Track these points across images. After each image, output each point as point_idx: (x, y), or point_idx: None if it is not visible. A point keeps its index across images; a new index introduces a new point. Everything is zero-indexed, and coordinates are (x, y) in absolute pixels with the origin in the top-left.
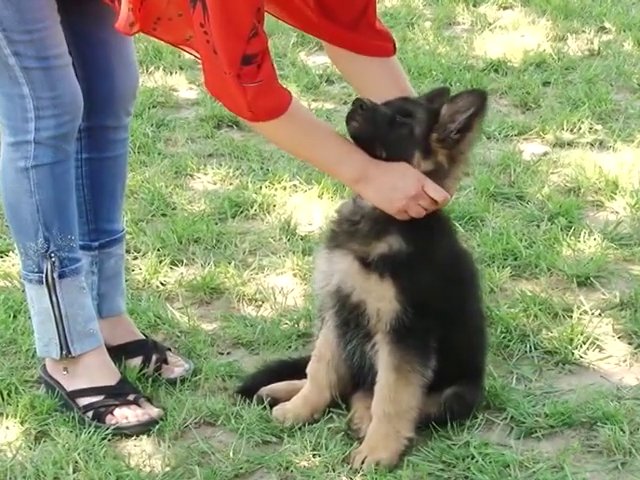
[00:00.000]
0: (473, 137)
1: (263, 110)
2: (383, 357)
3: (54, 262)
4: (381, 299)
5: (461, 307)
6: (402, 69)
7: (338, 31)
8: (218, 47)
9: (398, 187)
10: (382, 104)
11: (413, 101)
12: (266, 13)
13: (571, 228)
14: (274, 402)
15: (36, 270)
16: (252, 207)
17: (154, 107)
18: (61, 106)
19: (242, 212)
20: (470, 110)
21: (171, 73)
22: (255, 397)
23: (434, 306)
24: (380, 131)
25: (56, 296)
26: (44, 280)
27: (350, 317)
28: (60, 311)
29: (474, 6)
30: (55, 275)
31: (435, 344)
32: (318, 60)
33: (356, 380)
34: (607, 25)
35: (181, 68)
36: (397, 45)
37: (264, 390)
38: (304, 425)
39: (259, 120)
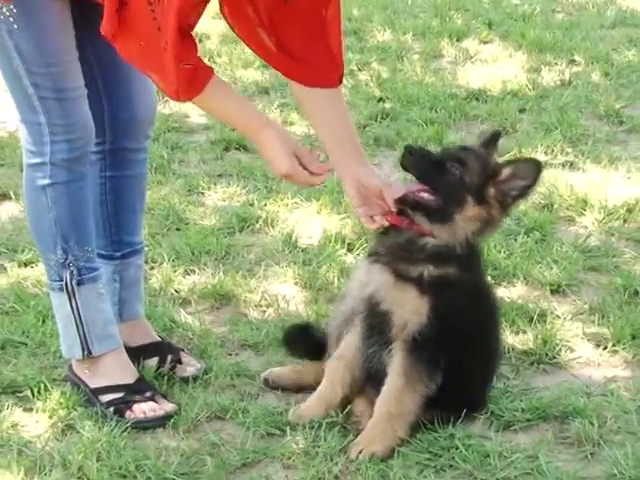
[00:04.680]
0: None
1: (188, 90)
2: (396, 362)
3: (72, 271)
4: (414, 312)
5: (478, 336)
6: (343, 99)
7: (289, 63)
8: (165, 24)
9: (272, 164)
10: (442, 149)
11: (468, 149)
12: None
13: (545, 241)
14: (277, 386)
15: (57, 279)
16: (257, 222)
17: (169, 132)
18: (73, 132)
19: (248, 226)
20: (529, 180)
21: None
22: (262, 380)
23: (456, 328)
24: (430, 175)
25: (76, 302)
26: (64, 288)
27: (375, 324)
28: (80, 315)
29: (457, 41)
30: (74, 283)
31: (444, 362)
32: None
33: (365, 382)
34: (577, 58)
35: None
36: (386, 75)
37: (270, 375)
38: None
39: (182, 99)
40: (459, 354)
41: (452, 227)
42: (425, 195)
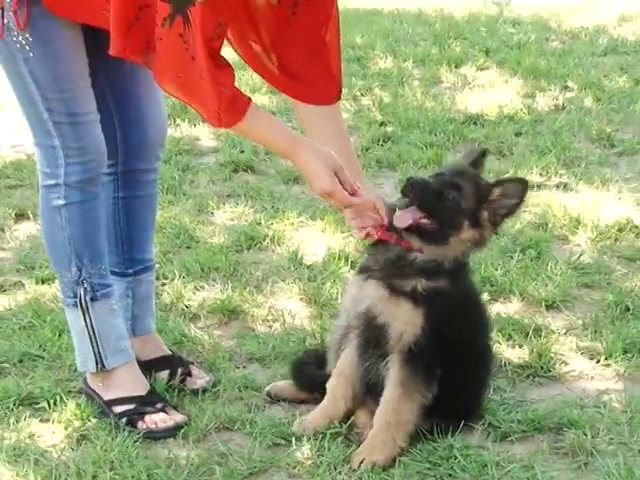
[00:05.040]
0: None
1: (229, 115)
2: (393, 374)
3: (86, 288)
4: (408, 324)
5: (471, 345)
6: (341, 116)
7: (289, 82)
8: (199, 54)
9: (313, 183)
10: (434, 175)
11: (461, 172)
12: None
13: (540, 259)
14: (280, 399)
15: (72, 295)
16: (264, 240)
17: (180, 154)
18: (86, 155)
19: (256, 244)
20: (517, 198)
21: (195, 125)
22: (265, 393)
23: (449, 338)
24: (431, 205)
25: (89, 317)
26: (79, 304)
27: (372, 337)
28: (94, 330)
29: (456, 67)
30: (88, 299)
31: (439, 372)
32: None
33: (366, 394)
34: (570, 84)
35: (203, 121)
36: (388, 100)
37: (271, 388)
38: None
39: (223, 124)
40: (453, 363)
41: (446, 248)
42: (424, 221)
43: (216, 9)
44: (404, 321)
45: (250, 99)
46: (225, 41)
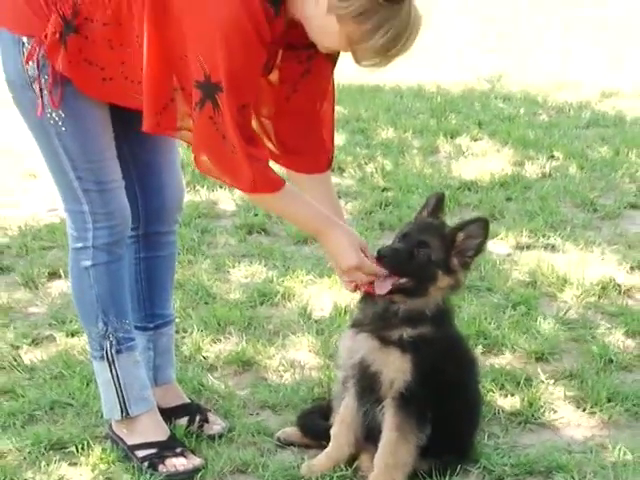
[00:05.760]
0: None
1: (264, 184)
2: (388, 418)
3: (112, 342)
4: (398, 371)
5: (459, 387)
6: (330, 179)
7: (284, 155)
8: (229, 133)
9: (341, 259)
10: (401, 236)
11: (425, 227)
12: None
13: (530, 314)
14: (289, 444)
15: (99, 348)
16: (276, 296)
17: (199, 217)
18: (112, 219)
19: (268, 300)
20: (481, 237)
21: (213, 190)
22: (276, 438)
23: (437, 382)
24: (404, 266)
25: (115, 369)
26: (105, 356)
27: (367, 385)
28: (119, 381)
29: (452, 138)
30: (113, 352)
31: (431, 414)
32: None
33: (366, 438)
34: (556, 154)
35: (221, 187)
36: (390, 168)
37: (281, 434)
38: None
39: (258, 192)
40: (444, 404)
41: (426, 298)
42: (403, 281)
43: (240, 93)
44: (394, 368)
45: (285, 182)
46: None
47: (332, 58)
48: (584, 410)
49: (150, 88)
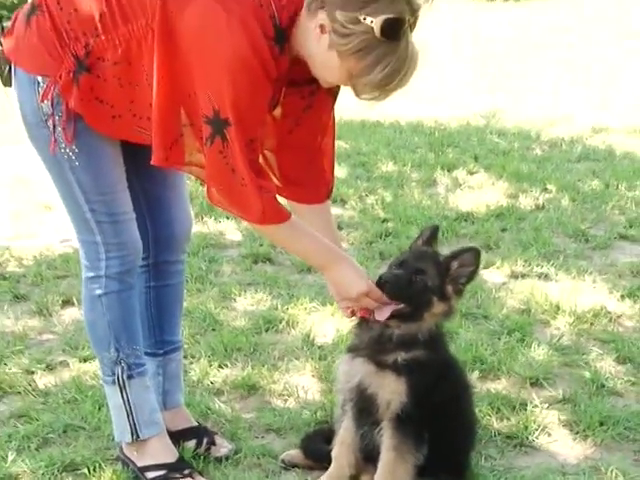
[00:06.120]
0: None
1: (273, 215)
2: (386, 439)
3: (123, 367)
4: (393, 393)
5: (453, 408)
6: (330, 214)
7: (285, 186)
8: (238, 167)
9: (350, 288)
10: (398, 264)
11: (421, 255)
12: None
13: (524, 340)
14: (292, 465)
15: (110, 374)
16: (280, 323)
17: (207, 247)
18: (124, 249)
19: (273, 327)
20: (473, 265)
21: (220, 222)
22: (280, 460)
23: (432, 403)
24: (403, 291)
25: (126, 393)
26: (116, 381)
27: (364, 407)
28: (130, 405)
29: (449, 171)
30: (125, 377)
31: (427, 434)
32: None
33: (366, 459)
34: (549, 186)
35: (227, 218)
36: (390, 199)
37: (285, 456)
38: None
39: (267, 222)
40: (439, 425)
41: (420, 323)
42: (400, 307)
43: (248, 128)
44: (389, 390)
45: (290, 215)
46: None
47: (333, 93)
48: (577, 433)
49: (160, 124)
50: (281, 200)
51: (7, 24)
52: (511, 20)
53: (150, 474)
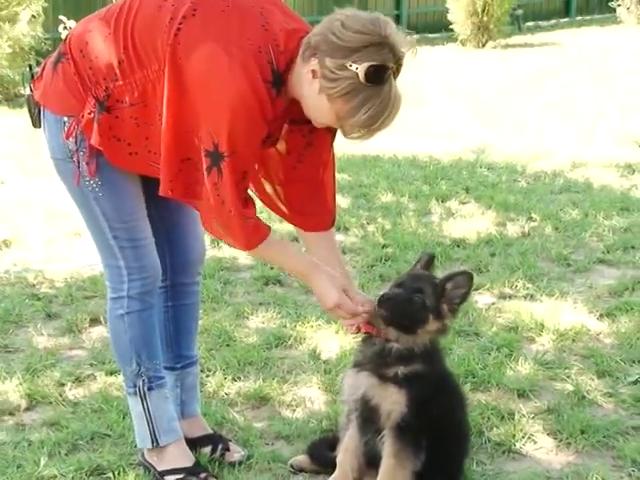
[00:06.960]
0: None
1: (256, 238)
2: (387, 447)
3: (144, 380)
4: (394, 403)
5: (449, 418)
6: (334, 239)
7: (292, 214)
8: (227, 198)
9: (323, 298)
10: (398, 284)
11: (419, 277)
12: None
13: (512, 356)
14: (300, 470)
15: (132, 386)
16: (289, 340)
17: (222, 270)
18: (145, 272)
19: (282, 343)
20: (466, 287)
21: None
22: (288, 465)
23: (429, 413)
24: (403, 310)
25: (147, 404)
26: (138, 393)
27: (368, 417)
28: (150, 414)
29: (442, 202)
30: (145, 389)
31: (425, 442)
32: None
33: (368, 465)
34: (534, 215)
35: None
36: (389, 227)
37: (293, 461)
38: None
39: (253, 246)
40: (436, 433)
41: (415, 337)
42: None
43: (241, 161)
44: (391, 401)
45: (270, 229)
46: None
47: (332, 131)
48: (560, 441)
49: (165, 157)
50: (285, 224)
51: (36, 70)
52: (499, 64)
53: (169, 477)
